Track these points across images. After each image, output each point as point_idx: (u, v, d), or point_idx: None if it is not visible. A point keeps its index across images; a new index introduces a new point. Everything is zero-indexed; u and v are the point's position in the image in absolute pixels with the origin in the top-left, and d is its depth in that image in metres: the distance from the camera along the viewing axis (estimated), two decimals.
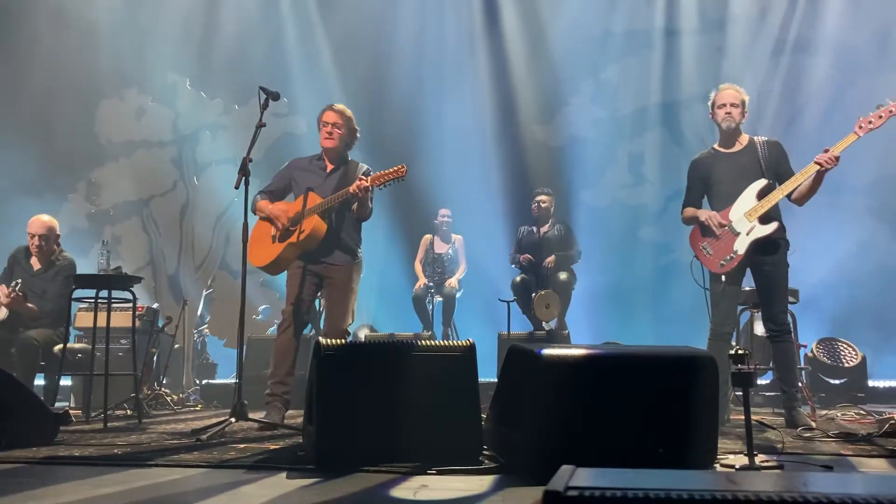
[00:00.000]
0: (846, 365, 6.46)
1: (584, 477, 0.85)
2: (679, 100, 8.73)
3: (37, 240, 5.55)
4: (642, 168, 8.93)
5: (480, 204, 8.69)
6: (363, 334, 7.32)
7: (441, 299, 7.37)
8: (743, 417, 2.79)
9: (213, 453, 3.22)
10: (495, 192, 8.83)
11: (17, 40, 9.25)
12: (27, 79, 9.29)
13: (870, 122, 4.10)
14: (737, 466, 2.71)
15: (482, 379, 3.13)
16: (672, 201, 8.27)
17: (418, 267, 7.64)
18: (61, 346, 5.17)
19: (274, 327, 6.24)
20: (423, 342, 3.06)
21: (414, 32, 9.24)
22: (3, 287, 5.42)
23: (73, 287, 5.02)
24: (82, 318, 6.27)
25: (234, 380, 4.21)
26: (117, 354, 5.99)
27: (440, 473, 2.67)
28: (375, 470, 2.70)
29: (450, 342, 3.12)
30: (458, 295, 7.34)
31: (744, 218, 4.30)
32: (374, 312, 8.45)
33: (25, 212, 6.17)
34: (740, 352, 2.79)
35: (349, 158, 4.69)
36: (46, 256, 5.60)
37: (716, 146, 4.59)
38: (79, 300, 5.27)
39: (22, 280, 5.39)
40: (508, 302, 6.60)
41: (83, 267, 5.89)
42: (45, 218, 5.67)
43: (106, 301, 4.98)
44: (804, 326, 6.20)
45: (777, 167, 4.37)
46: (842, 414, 5.07)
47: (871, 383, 6.58)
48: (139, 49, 9.41)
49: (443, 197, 8.22)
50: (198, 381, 7.40)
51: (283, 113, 8.94)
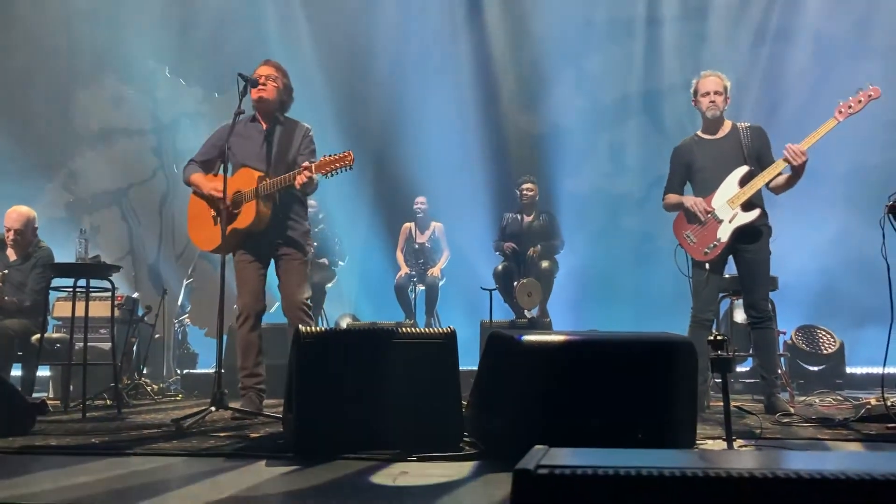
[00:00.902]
0: (824, 352, 6.53)
1: (556, 456, 0.85)
2: (660, 88, 8.76)
3: (12, 233, 5.47)
4: (624, 156, 8.96)
5: (462, 192, 8.69)
6: (345, 323, 7.31)
7: (423, 288, 7.36)
8: (722, 404, 2.81)
9: (193, 442, 3.20)
10: (477, 181, 8.83)
11: None
12: (3, 66, 9.16)
13: (850, 107, 4.11)
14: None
15: (463, 367, 3.13)
16: (654, 189, 8.29)
17: (399, 256, 7.63)
18: (39, 336, 5.12)
19: None
20: (404, 329, 3.05)
21: (396, 20, 9.21)
22: None
23: (52, 276, 4.96)
24: (60, 308, 6.21)
25: (215, 369, 4.18)
26: (96, 344, 5.94)
27: (420, 460, 2.67)
28: (355, 457, 2.70)
29: (431, 329, 3.11)
30: (441, 283, 7.34)
31: (726, 205, 4.31)
32: (356, 302, 8.43)
33: (2, 201, 6.09)
34: (719, 338, 2.80)
35: (286, 117, 4.46)
36: (24, 248, 5.53)
37: (699, 133, 4.59)
38: (57, 289, 5.21)
39: None
40: (490, 290, 6.61)
41: (61, 256, 5.82)
42: (22, 209, 5.59)
43: (84, 290, 4.93)
44: (783, 314, 6.25)
45: (759, 154, 4.37)
46: (820, 400, 5.13)
47: (849, 370, 6.65)
48: (118, 36, 9.30)
49: (424, 185, 8.20)
50: (178, 371, 7.36)
51: None
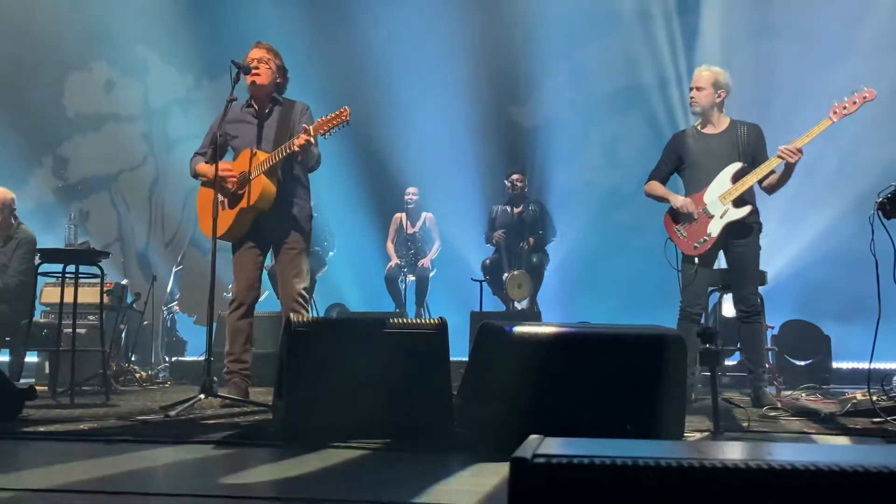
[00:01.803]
0: (811, 347, 6.57)
1: (552, 445, 0.85)
2: (653, 82, 8.76)
3: None
4: (616, 150, 8.97)
5: (453, 183, 8.68)
6: (335, 313, 7.31)
7: (413, 279, 7.36)
8: (710, 397, 2.83)
9: (182, 429, 3.19)
10: (469, 172, 8.82)
11: None
12: None
13: (844, 108, 4.13)
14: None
15: (454, 357, 3.14)
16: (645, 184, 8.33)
17: (390, 247, 7.62)
18: (27, 322, 5.09)
19: None
20: (395, 319, 3.05)
21: (389, 10, 9.16)
22: None
23: (40, 262, 4.93)
24: (49, 294, 6.17)
25: (204, 357, 4.17)
26: (85, 330, 5.91)
27: (411, 449, 2.68)
28: (345, 446, 2.70)
29: (422, 320, 3.12)
30: (431, 274, 7.34)
31: (718, 200, 4.33)
32: (347, 292, 8.42)
33: None
34: (708, 331, 2.82)
35: (283, 98, 4.44)
36: (3, 230, 5.48)
37: (696, 126, 4.60)
38: (45, 275, 5.18)
39: None
40: (480, 281, 6.62)
41: (50, 241, 5.79)
42: None
43: (73, 276, 4.90)
44: (771, 308, 6.29)
45: (754, 152, 4.39)
46: (806, 394, 5.18)
47: (835, 365, 6.70)
48: (109, 22, 9.21)
49: (416, 176, 8.19)
50: (167, 359, 7.34)
51: None
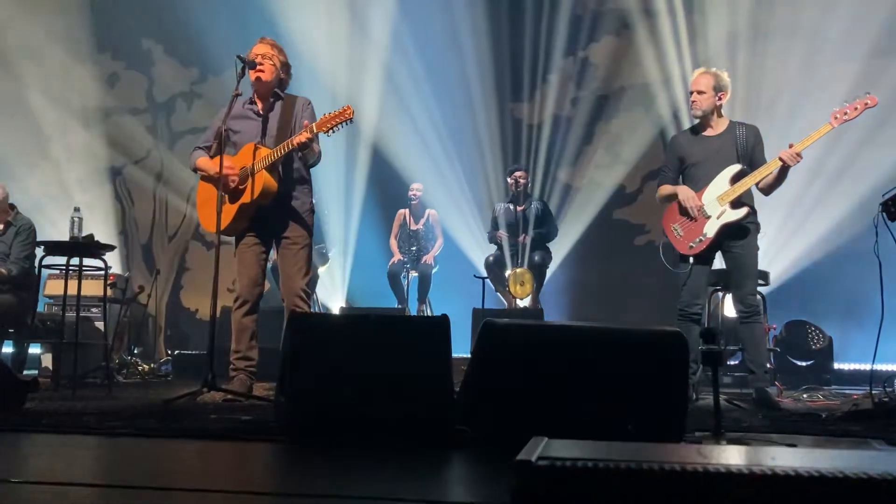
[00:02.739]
0: (813, 347, 6.58)
1: (556, 448, 0.86)
2: (657, 81, 8.75)
3: None
4: (619, 148, 8.97)
5: (457, 180, 8.69)
6: (337, 309, 7.32)
7: (416, 275, 7.37)
8: (711, 397, 2.83)
9: (184, 423, 3.20)
10: (472, 169, 8.84)
11: None
12: (0, 42, 9.08)
13: (845, 114, 4.13)
14: (704, 442, 2.75)
15: (455, 354, 3.14)
16: (648, 182, 8.33)
17: (393, 243, 7.62)
18: (30, 314, 5.11)
19: None
20: (397, 315, 3.05)
21: (395, 6, 9.15)
22: None
23: (44, 254, 4.94)
24: (53, 286, 6.20)
25: (206, 351, 4.19)
26: (88, 323, 5.93)
27: (412, 445, 2.68)
28: (347, 442, 2.71)
29: (424, 316, 3.12)
30: (434, 271, 7.34)
31: (715, 201, 4.34)
32: (349, 288, 8.43)
33: None
34: (710, 331, 2.82)
35: (285, 93, 4.45)
36: (1, 219, 5.49)
37: (694, 127, 4.62)
38: (49, 267, 5.20)
39: None
40: (483, 278, 6.62)
41: (54, 234, 5.81)
42: None
43: (77, 269, 4.92)
44: (774, 309, 6.29)
45: (752, 154, 4.40)
46: (808, 395, 5.18)
47: (837, 366, 6.71)
48: (113, 15, 9.22)
49: (419, 172, 8.20)
50: (170, 352, 7.36)
51: None
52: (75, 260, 4.89)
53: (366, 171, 8.86)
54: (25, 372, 5.46)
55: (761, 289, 5.01)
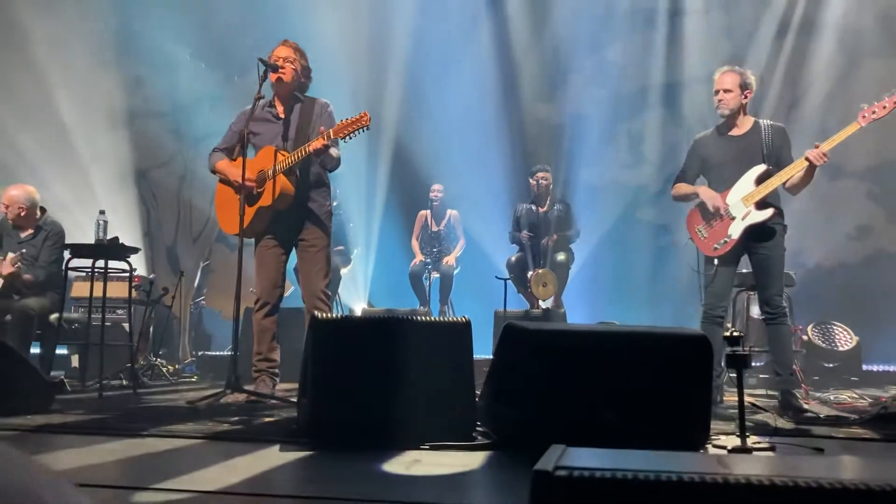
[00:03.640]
0: (841, 349, 6.49)
1: (574, 457, 0.85)
2: (681, 80, 8.69)
3: (11, 213, 5.49)
4: (642, 148, 8.91)
5: (478, 180, 8.68)
6: (360, 310, 7.34)
7: (438, 276, 7.37)
8: (736, 398, 2.80)
9: (208, 424, 3.23)
10: (493, 169, 8.81)
11: (17, 8, 9.15)
12: (27, 47, 9.20)
13: (873, 112, 4.06)
14: (728, 447, 2.72)
15: (477, 356, 3.14)
16: (671, 182, 8.26)
17: (415, 244, 7.63)
18: (57, 316, 5.18)
19: None
20: (419, 318, 3.05)
21: (416, 7, 9.17)
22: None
23: (70, 256, 5.00)
24: (79, 288, 6.27)
25: (230, 352, 4.22)
26: (113, 324, 6.00)
27: (433, 449, 2.68)
28: (368, 444, 2.71)
29: (446, 318, 3.12)
30: (456, 272, 7.33)
31: (740, 202, 4.29)
32: (371, 288, 8.45)
33: (23, 180, 6.09)
34: (735, 334, 2.79)
35: (304, 96, 4.48)
36: (31, 223, 5.56)
37: (719, 127, 4.56)
38: (75, 269, 5.26)
39: (11, 248, 5.37)
40: (505, 279, 6.61)
41: (79, 237, 5.87)
42: (24, 186, 5.62)
43: (102, 271, 4.97)
44: (800, 310, 6.22)
45: (779, 154, 4.33)
46: (835, 397, 5.11)
47: (865, 367, 6.61)
48: (138, 18, 9.32)
49: (441, 173, 8.20)
50: (194, 353, 7.42)
51: None
52: (101, 262, 4.95)
53: (387, 173, 8.88)
54: (53, 372, 5.54)
55: (787, 290, 4.94)
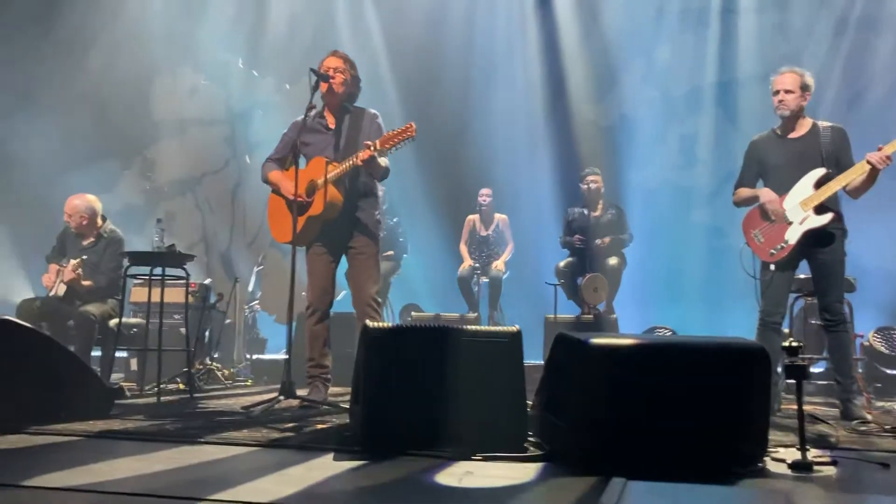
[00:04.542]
0: None
1: (635, 494, 0.83)
2: (735, 80, 8.51)
3: (74, 222, 5.66)
4: (695, 149, 8.75)
5: (527, 184, 8.63)
6: (409, 314, 7.36)
7: (487, 280, 7.35)
8: (795, 407, 2.72)
9: (262, 431, 3.27)
10: (543, 172, 8.75)
11: (75, 17, 9.42)
12: (86, 53, 9.47)
13: None
14: (788, 461, 2.65)
15: (527, 361, 3.13)
16: (725, 184, 8.08)
17: (463, 248, 7.61)
18: (117, 321, 5.32)
19: None
20: (470, 327, 3.05)
21: (465, 11, 9.17)
22: (55, 266, 5.58)
23: (129, 264, 5.13)
24: (137, 293, 6.42)
25: (284, 356, 4.28)
26: (170, 329, 6.12)
27: (485, 459, 2.68)
28: (420, 454, 2.72)
29: (496, 328, 3.11)
30: (505, 277, 7.30)
31: (798, 207, 4.18)
32: (420, 293, 8.47)
33: (82, 187, 6.24)
34: (794, 343, 2.72)
35: (354, 106, 4.52)
36: (92, 231, 5.73)
37: (776, 129, 4.45)
38: (134, 276, 5.39)
39: (74, 255, 5.53)
40: (555, 285, 6.56)
41: (137, 242, 6.01)
42: (86, 196, 5.78)
43: (160, 278, 5.09)
44: (861, 315, 6.03)
45: (839, 156, 4.21)
46: None
47: None
48: (193, 28, 9.52)
49: (489, 176, 8.17)
50: (248, 356, 7.54)
51: None
52: (158, 269, 5.06)
53: (435, 177, 8.88)
54: (113, 374, 5.69)
55: (848, 295, 4.80)
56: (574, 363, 2.70)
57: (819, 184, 4.17)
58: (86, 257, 5.50)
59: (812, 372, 6.06)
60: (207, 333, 6.54)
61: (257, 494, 2.09)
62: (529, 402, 3.09)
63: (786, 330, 4.92)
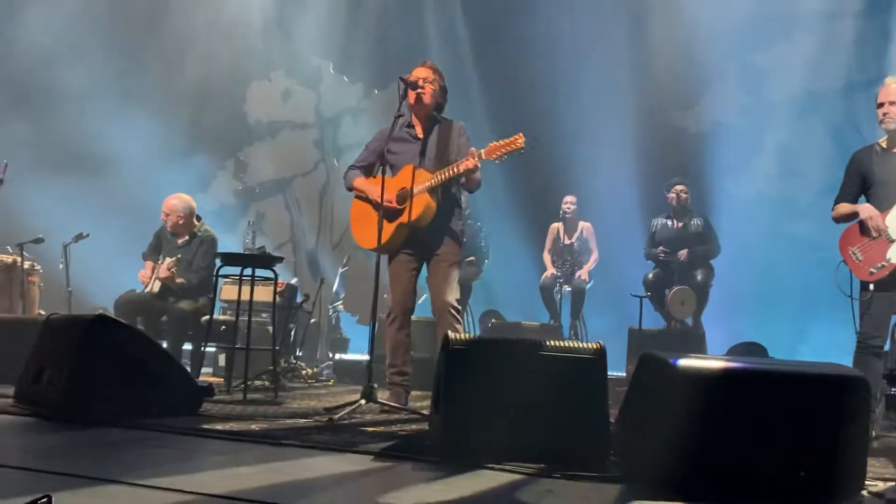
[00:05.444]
0: None
1: None
2: (836, 88, 8.16)
3: (171, 221, 5.89)
4: (791, 159, 8.42)
5: (613, 192, 8.47)
6: (489, 321, 7.35)
7: (569, 290, 7.25)
8: (893, 436, 2.58)
9: (344, 436, 3.32)
10: (629, 181, 8.57)
11: (176, 21, 9.81)
12: (184, 57, 9.86)
13: None
14: (887, 496, 2.52)
15: (610, 374, 3.07)
16: (823, 196, 7.73)
17: (546, 257, 7.54)
18: (208, 318, 5.50)
19: None
20: (552, 342, 3.01)
21: (552, 17, 9.10)
22: (151, 263, 5.82)
23: (220, 265, 5.29)
24: (227, 291, 6.62)
25: (366, 356, 4.33)
26: (258, 326, 6.29)
27: (565, 478, 2.64)
28: (500, 468, 2.70)
29: (579, 343, 3.07)
30: (588, 286, 7.20)
31: None
32: (501, 300, 8.44)
33: (179, 187, 6.45)
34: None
35: (441, 118, 4.53)
36: (188, 230, 5.94)
37: (880, 143, 4.25)
38: (225, 276, 5.56)
39: (169, 253, 5.75)
40: (641, 297, 6.43)
41: (229, 241, 6.21)
42: (182, 196, 6.00)
43: (249, 277, 5.24)
44: None
45: None
46: None
47: None
48: (287, 33, 9.79)
49: (574, 183, 8.06)
50: (331, 355, 7.68)
51: None
52: (248, 270, 5.21)
53: (519, 184, 8.84)
54: (203, 369, 5.89)
55: None
56: (659, 385, 2.63)
57: None
58: (180, 256, 5.71)
59: None
60: (293, 333, 6.69)
61: (334, 502, 2.12)
62: (612, 417, 3.03)
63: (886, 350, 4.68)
